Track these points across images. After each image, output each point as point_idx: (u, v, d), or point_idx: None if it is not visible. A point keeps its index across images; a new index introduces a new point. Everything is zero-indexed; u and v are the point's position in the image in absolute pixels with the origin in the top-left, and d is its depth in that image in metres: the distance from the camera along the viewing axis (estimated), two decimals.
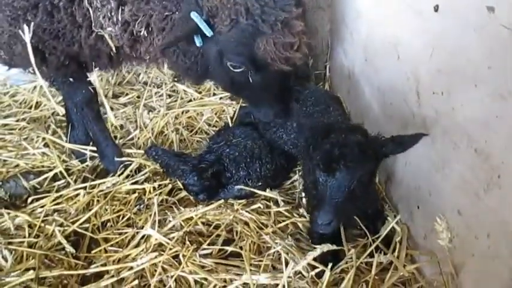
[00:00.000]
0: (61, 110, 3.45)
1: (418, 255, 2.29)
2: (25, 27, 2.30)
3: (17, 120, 3.57)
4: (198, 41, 2.16)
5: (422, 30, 2.14)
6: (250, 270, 2.21)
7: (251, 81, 2.23)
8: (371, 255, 2.26)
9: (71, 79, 2.74)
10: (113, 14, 2.20)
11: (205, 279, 2.21)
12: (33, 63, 2.39)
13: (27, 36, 2.32)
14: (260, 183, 2.75)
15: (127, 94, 3.88)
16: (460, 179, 1.85)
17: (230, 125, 3.30)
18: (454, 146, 1.88)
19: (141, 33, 2.25)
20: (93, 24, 2.27)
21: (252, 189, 2.74)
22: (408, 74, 2.32)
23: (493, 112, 1.60)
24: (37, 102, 3.79)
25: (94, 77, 2.74)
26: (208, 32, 2.08)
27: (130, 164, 3.05)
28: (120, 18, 2.21)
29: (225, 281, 2.19)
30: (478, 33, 1.68)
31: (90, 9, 2.22)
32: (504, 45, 1.54)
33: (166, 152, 2.89)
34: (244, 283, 2.16)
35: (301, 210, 2.65)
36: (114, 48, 2.37)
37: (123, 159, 3.05)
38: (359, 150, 2.00)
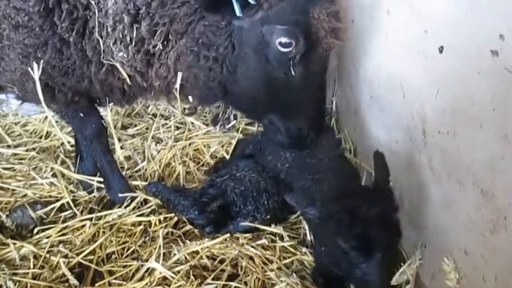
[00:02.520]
0: (70, 141, 3.52)
1: None
2: (34, 64, 2.35)
3: (27, 150, 3.61)
4: (238, 10, 2.04)
5: (427, 70, 2.18)
6: None
7: (293, 73, 2.14)
8: None
9: (81, 114, 2.79)
10: (125, 33, 2.21)
11: None
12: (42, 101, 2.44)
13: (36, 74, 2.37)
14: (268, 216, 2.76)
15: (136, 125, 3.92)
16: (466, 219, 1.85)
17: (227, 157, 3.32)
18: (460, 186, 1.89)
19: (156, 49, 2.23)
20: (102, 56, 2.29)
21: (258, 226, 2.73)
22: (414, 113, 2.34)
23: (498, 153, 1.62)
24: (47, 132, 3.85)
25: (106, 111, 2.77)
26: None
27: (137, 196, 3.07)
28: (134, 36, 2.20)
29: None
30: (482, 75, 1.71)
31: (100, 40, 2.25)
32: (508, 88, 1.57)
33: (166, 188, 2.93)
34: None
35: (304, 249, 2.63)
36: (127, 78, 2.37)
37: (128, 194, 3.04)
38: (385, 220, 2.07)
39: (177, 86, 2.41)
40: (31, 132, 3.90)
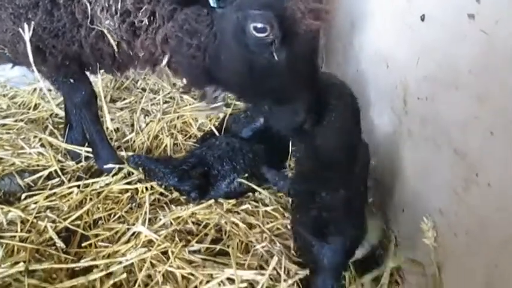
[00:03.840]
0: (59, 114, 3.54)
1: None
2: (25, 25, 2.35)
3: (15, 121, 3.62)
4: (212, 1, 2.01)
5: (410, 40, 2.24)
6: (237, 268, 2.24)
7: (276, 57, 2.04)
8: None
9: (71, 80, 2.79)
10: (111, 3, 2.20)
11: (192, 274, 2.24)
12: (32, 62, 2.44)
13: (26, 35, 2.36)
14: (247, 175, 2.82)
15: (124, 99, 3.95)
16: (441, 179, 1.92)
17: (215, 131, 3.37)
18: (436, 148, 1.95)
19: (142, 23, 2.23)
20: (90, 20, 2.29)
21: (245, 182, 2.78)
22: (396, 83, 2.40)
23: (472, 113, 1.68)
24: (36, 104, 3.86)
25: (98, 79, 2.78)
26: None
27: (124, 167, 3.08)
28: (119, 8, 2.20)
29: (211, 276, 2.22)
30: (460, 39, 1.76)
31: (88, 5, 2.25)
32: (483, 50, 1.63)
33: (148, 158, 3.00)
34: (230, 279, 2.20)
35: (287, 214, 2.69)
36: (115, 45, 2.37)
37: (114, 166, 3.06)
38: (346, 210, 2.04)
39: (163, 65, 2.41)
40: (19, 104, 3.90)
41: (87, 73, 2.86)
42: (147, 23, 2.24)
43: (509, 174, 1.48)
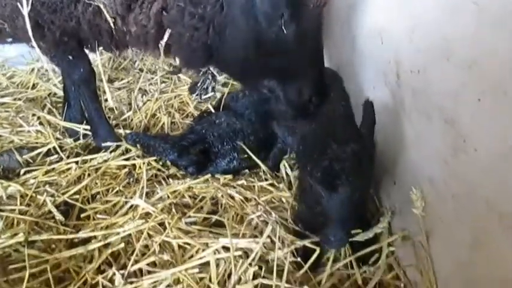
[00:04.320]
0: (57, 93, 3.56)
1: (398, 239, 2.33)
2: (23, 0, 2.37)
3: (14, 99, 3.64)
4: None
5: (404, 14, 2.27)
6: (232, 237, 2.28)
7: (284, 31, 2.03)
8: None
9: (70, 57, 2.80)
10: None
11: (188, 244, 2.29)
12: (31, 36, 2.47)
13: (25, 10, 2.38)
14: (246, 156, 2.87)
15: (122, 79, 3.98)
16: (432, 149, 1.96)
17: (212, 110, 3.41)
18: (428, 119, 1.99)
19: None
20: None
21: (249, 154, 2.86)
22: (390, 58, 2.43)
23: (461, 81, 1.71)
24: (34, 84, 3.88)
25: (97, 57, 2.79)
26: None
27: (122, 145, 3.12)
28: None
29: (207, 245, 2.26)
30: (453, 10, 1.79)
31: None
32: (473, 20, 1.66)
33: (146, 135, 3.05)
34: (225, 248, 2.24)
35: (282, 186, 2.76)
36: (111, 21, 2.38)
37: (111, 144, 3.10)
38: (357, 161, 2.04)
39: (163, 42, 2.37)
40: (18, 84, 3.93)
41: (86, 51, 2.88)
42: None
43: (494, 138, 1.52)
